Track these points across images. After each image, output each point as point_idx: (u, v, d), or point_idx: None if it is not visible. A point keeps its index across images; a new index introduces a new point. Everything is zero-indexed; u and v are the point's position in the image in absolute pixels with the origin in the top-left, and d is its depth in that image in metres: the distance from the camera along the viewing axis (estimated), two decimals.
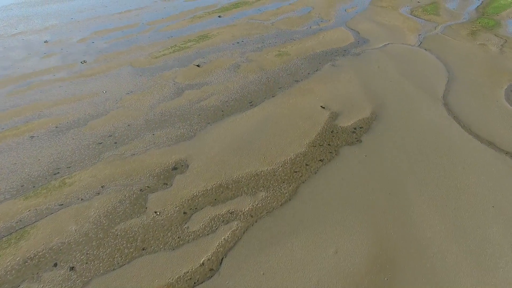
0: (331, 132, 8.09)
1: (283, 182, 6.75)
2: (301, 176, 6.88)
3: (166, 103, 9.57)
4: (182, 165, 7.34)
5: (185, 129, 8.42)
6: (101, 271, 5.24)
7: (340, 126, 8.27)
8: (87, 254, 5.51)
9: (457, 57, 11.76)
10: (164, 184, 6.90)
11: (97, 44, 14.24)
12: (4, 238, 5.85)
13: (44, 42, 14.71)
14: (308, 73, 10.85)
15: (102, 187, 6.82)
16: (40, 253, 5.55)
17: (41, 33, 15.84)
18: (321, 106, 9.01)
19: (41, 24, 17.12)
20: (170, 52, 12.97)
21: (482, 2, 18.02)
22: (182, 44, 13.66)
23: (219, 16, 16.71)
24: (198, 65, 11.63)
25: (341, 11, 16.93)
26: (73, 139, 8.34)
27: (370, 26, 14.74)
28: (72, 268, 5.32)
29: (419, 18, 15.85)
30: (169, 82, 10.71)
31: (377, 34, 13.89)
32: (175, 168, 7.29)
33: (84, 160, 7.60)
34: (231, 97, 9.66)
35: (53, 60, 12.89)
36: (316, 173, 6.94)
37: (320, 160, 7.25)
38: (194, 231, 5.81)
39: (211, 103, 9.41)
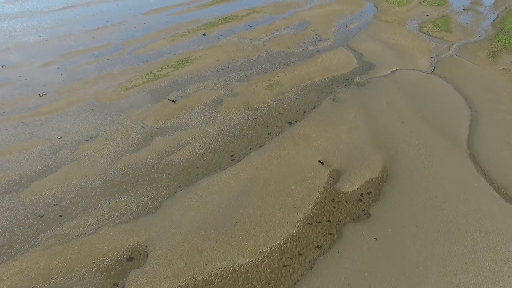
0: (332, 200, 6.64)
1: (268, 284, 5.26)
2: (292, 274, 5.40)
3: (130, 155, 8.10)
4: (140, 254, 5.86)
5: (149, 197, 6.94)
6: None
7: (343, 192, 6.82)
8: None
9: (478, 87, 10.37)
10: (114, 285, 5.41)
11: (62, 70, 12.80)
12: None
13: (2, 66, 13.25)
14: (304, 112, 9.43)
15: None
16: None
17: (0, 55, 14.38)
18: (319, 161, 7.56)
19: (2, 43, 15.66)
20: (143, 82, 11.53)
21: (497, 15, 16.71)
22: (158, 71, 12.23)
23: (204, 34, 15.31)
24: (173, 101, 10.19)
25: (342, 27, 15.57)
26: (7, 209, 6.85)
27: (375, 46, 13.38)
28: None
29: (430, 35, 14.50)
30: (137, 124, 9.26)
31: (384, 56, 12.52)
32: (130, 259, 5.81)
33: (15, 245, 6.10)
34: (210, 148, 8.20)
35: (7, 91, 11.43)
36: (311, 268, 5.46)
37: (318, 247, 5.78)
38: None
39: (185, 157, 7.94)
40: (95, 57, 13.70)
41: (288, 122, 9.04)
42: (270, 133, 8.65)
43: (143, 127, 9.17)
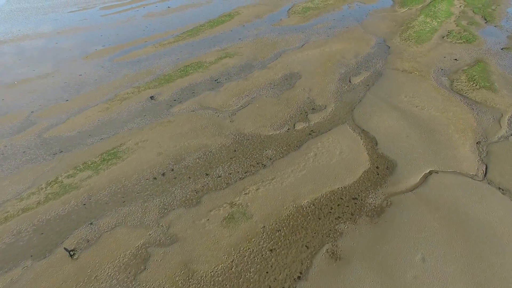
0: None
1: None
2: None
3: None
4: None
5: None
6: None
7: None
8: None
9: None
10: None
11: None
12: None
13: None
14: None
15: None
16: None
17: None
18: None
19: None
20: (37, 203, 7.84)
21: None
22: (68, 176, 8.56)
23: (151, 98, 11.67)
24: (71, 252, 6.46)
25: (343, 83, 12.02)
26: None
27: (393, 121, 9.87)
28: None
29: (467, 97, 10.96)
30: None
31: (407, 143, 8.99)
32: None
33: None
34: None
35: None
36: None
37: None
38: None
39: None
40: None
41: None
42: None
43: None
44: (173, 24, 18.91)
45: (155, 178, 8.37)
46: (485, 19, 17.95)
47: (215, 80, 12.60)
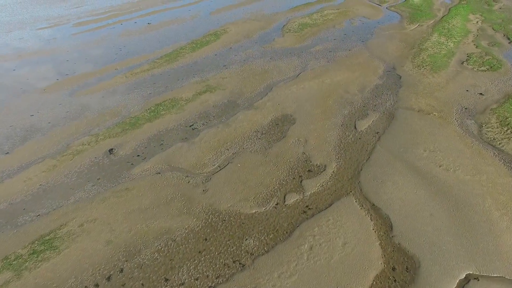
0: None
1: None
2: None
3: None
4: None
5: None
6: None
7: None
8: None
9: None
10: None
11: None
12: None
13: None
14: None
15: None
16: None
17: None
18: None
19: None
20: None
21: None
22: None
23: (110, 151, 9.68)
24: None
25: (347, 130, 10.05)
26: None
27: (410, 189, 7.97)
28: None
29: (502, 150, 9.04)
30: None
31: (431, 227, 7.13)
32: None
33: None
34: None
35: None
36: None
37: None
38: None
39: None
40: None
41: None
42: None
43: None
44: (151, 46, 16.99)
45: (97, 286, 6.36)
46: (509, 39, 16.05)
47: (190, 126, 10.63)
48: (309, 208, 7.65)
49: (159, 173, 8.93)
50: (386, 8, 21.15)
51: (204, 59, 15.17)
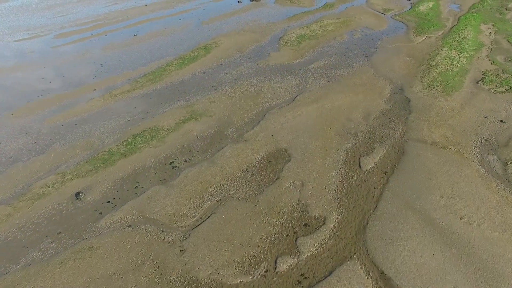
0: None
1: None
2: None
3: None
4: None
5: None
6: None
7: None
8: None
9: None
10: None
11: None
12: None
13: None
14: None
15: None
16: None
17: None
18: None
19: None
20: None
21: None
22: None
23: (77, 195, 8.49)
24: None
25: (350, 169, 8.89)
26: None
27: (427, 251, 6.99)
28: None
29: None
30: None
31: None
32: None
33: None
34: None
35: None
36: None
37: None
38: None
39: None
40: None
41: None
42: None
43: None
44: (135, 62, 15.84)
45: None
46: None
47: (171, 163, 9.43)
48: (305, 277, 6.44)
49: (130, 226, 7.72)
50: (391, 17, 20.03)
51: (191, 78, 13.99)
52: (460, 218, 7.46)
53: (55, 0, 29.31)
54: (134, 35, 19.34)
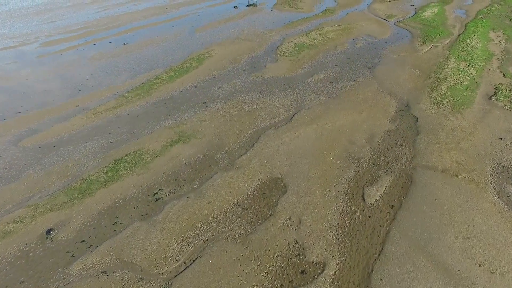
0: None
1: None
2: None
3: None
4: None
5: None
6: None
7: None
8: None
9: None
10: None
11: None
12: None
13: None
14: None
15: None
16: None
17: None
18: None
19: None
20: None
21: None
22: None
23: (47, 233, 7.73)
24: None
25: (352, 203, 8.15)
26: None
27: None
28: None
29: None
30: None
31: None
32: None
33: None
34: None
35: None
36: None
37: None
38: None
39: None
40: None
41: None
42: None
43: None
44: (122, 74, 15.05)
45: None
46: None
47: (154, 195, 8.61)
48: None
49: (105, 272, 6.90)
50: (394, 23, 19.25)
51: (181, 92, 13.19)
52: (480, 265, 6.64)
53: (46, 5, 28.59)
54: (124, 43, 18.56)
